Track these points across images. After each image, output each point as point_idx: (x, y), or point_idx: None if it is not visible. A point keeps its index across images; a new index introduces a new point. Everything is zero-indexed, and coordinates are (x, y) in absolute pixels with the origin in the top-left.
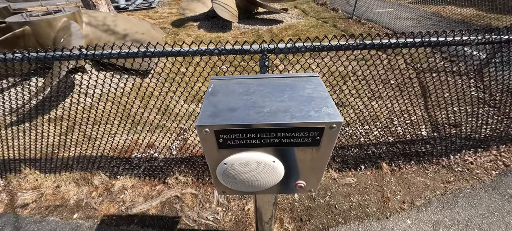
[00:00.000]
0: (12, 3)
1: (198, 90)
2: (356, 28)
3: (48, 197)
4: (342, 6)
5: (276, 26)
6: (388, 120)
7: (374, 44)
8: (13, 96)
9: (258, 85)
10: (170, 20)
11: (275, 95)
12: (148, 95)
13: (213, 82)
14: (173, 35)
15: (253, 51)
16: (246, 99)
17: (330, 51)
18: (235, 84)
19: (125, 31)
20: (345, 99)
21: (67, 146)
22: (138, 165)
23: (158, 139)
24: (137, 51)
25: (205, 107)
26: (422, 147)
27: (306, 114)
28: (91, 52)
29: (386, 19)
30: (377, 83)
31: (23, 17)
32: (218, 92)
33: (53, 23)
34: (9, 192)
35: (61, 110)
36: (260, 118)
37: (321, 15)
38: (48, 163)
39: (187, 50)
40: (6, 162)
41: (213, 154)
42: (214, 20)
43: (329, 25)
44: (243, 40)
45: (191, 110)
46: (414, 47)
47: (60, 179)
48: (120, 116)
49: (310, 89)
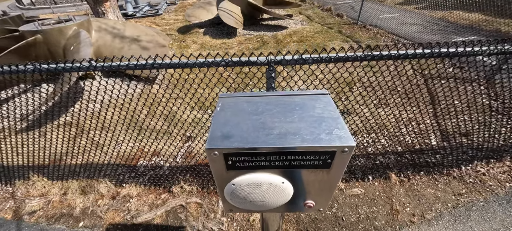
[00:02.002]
0: (25, 11)
1: (204, 97)
2: (361, 34)
3: (55, 204)
4: (347, 12)
5: (281, 32)
6: (395, 128)
7: (383, 56)
8: (24, 102)
9: (267, 104)
10: (176, 27)
11: (284, 115)
12: (155, 102)
13: (222, 100)
14: (179, 41)
15: (260, 62)
16: (255, 119)
17: (337, 62)
18: (243, 102)
19: (132, 37)
20: (351, 107)
21: (74, 153)
22: (144, 173)
23: (164, 147)
24: (145, 63)
25: (214, 127)
26: (431, 157)
27: (317, 137)
28: (100, 64)
29: (392, 25)
30: (384, 91)
31: (35, 25)
32: (227, 111)
33: (64, 31)
34: (17, 198)
35: (69, 117)
36: (269, 140)
37: (325, 21)
38: (55, 170)
39: (194, 62)
40: (15, 169)
41: (222, 175)
42: (219, 26)
43: (334, 31)
44: (248, 46)
45: (199, 117)
46: (424, 58)
47: (67, 186)
48: (128, 123)
49: (320, 108)
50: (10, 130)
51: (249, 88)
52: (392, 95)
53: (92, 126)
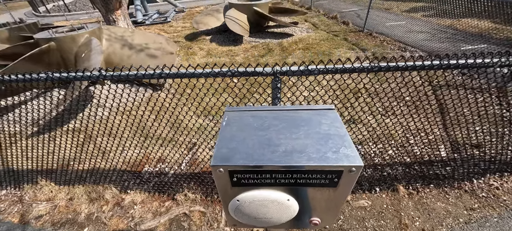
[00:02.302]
0: (41, 18)
1: (210, 105)
2: (367, 42)
3: (61, 209)
4: (352, 20)
5: (287, 40)
6: (403, 138)
7: (390, 67)
8: (35, 108)
9: (273, 119)
10: (184, 34)
11: (290, 132)
12: (161, 108)
13: (228, 115)
14: (186, 48)
15: (266, 73)
16: (261, 135)
17: (343, 73)
18: (249, 117)
19: (141, 46)
20: (356, 116)
21: (82, 159)
22: (149, 180)
23: (170, 153)
24: (153, 73)
25: (220, 143)
26: (441, 169)
27: (324, 156)
28: (109, 73)
29: (399, 33)
30: (391, 99)
31: (49, 33)
32: (232, 126)
33: (76, 39)
34: (25, 202)
35: (78, 123)
36: (275, 158)
37: (331, 28)
38: (63, 175)
39: (200, 72)
40: (24, 173)
41: (226, 191)
42: (226, 33)
43: (340, 38)
44: (253, 53)
45: (204, 124)
46: (432, 69)
47: (74, 191)
48: (135, 129)
49: (327, 125)
50: (21, 134)
51: (254, 98)
52: (399, 104)
53: (100, 131)
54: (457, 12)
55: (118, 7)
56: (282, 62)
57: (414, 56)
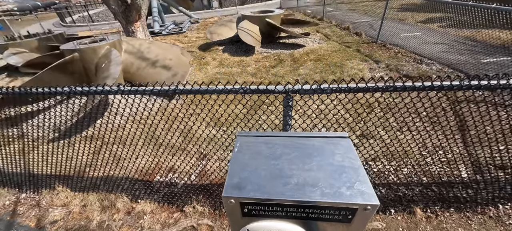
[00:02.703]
0: (67, 28)
1: (223, 115)
2: (381, 53)
3: (75, 215)
4: (365, 31)
5: (298, 51)
6: (420, 156)
7: (406, 87)
8: (57, 113)
9: (285, 146)
10: (198, 44)
11: (302, 162)
12: (172, 117)
13: (239, 140)
14: (199, 58)
15: (278, 91)
16: (273, 165)
17: (356, 93)
18: (261, 144)
19: (156, 57)
20: (370, 130)
21: (97, 166)
22: (159, 190)
23: (181, 164)
24: (168, 89)
25: (232, 172)
26: (463, 192)
27: (337, 192)
28: (128, 88)
29: (414, 44)
30: (405, 114)
31: (73, 44)
32: (244, 153)
33: (97, 50)
34: (42, 207)
35: (96, 130)
36: (287, 192)
37: (343, 39)
38: (78, 181)
39: (214, 89)
40: (43, 178)
41: (237, 220)
42: (238, 44)
43: (352, 49)
44: (265, 64)
45: (214, 134)
46: (451, 90)
47: (88, 198)
48: (150, 138)
49: (340, 155)
50: (43, 139)
51: (264, 111)
52: (414, 119)
53: (116, 139)
54: (477, 23)
55: (138, 19)
56: (293, 73)
57: (432, 76)
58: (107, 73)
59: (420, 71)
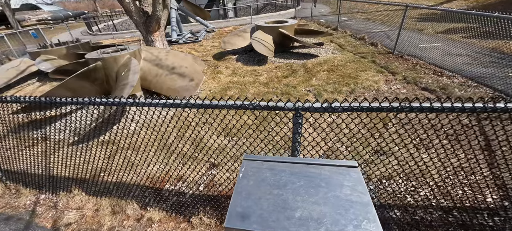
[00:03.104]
0: (92, 36)
1: (238, 127)
2: (398, 65)
3: (87, 219)
4: (382, 41)
5: (311, 61)
6: (440, 177)
7: (423, 108)
8: (78, 118)
9: (291, 174)
10: (212, 53)
11: (308, 193)
12: (185, 126)
13: (245, 165)
14: (213, 67)
15: (287, 108)
16: (277, 195)
17: (369, 112)
18: (266, 170)
19: (172, 65)
20: (385, 147)
21: (111, 170)
22: (168, 198)
23: (191, 175)
24: (180, 103)
25: (235, 200)
26: (488, 219)
27: (343, 230)
28: (142, 101)
29: (434, 55)
30: (426, 129)
31: (97, 54)
32: (249, 180)
33: (118, 59)
34: (59, 209)
35: (112, 135)
36: (290, 227)
37: (358, 50)
38: (93, 185)
39: (224, 104)
40: (61, 180)
41: None
42: (251, 53)
43: (368, 60)
44: (277, 74)
45: (225, 144)
46: (474, 112)
47: (100, 203)
48: (162, 146)
49: (348, 188)
50: (63, 142)
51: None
52: (436, 136)
53: (130, 145)
54: (504, 34)
55: (157, 29)
56: (305, 84)
57: (454, 90)
58: (126, 81)
59: (440, 84)
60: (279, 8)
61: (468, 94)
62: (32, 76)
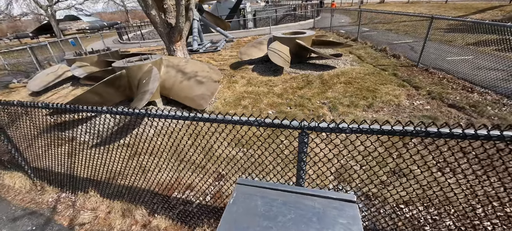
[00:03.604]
0: (122, 44)
1: (246, 138)
2: (421, 79)
3: (100, 220)
4: (405, 53)
5: (328, 72)
6: (467, 206)
7: (442, 134)
8: (102, 121)
9: (283, 204)
10: (230, 63)
11: (298, 229)
12: (195, 134)
13: (237, 190)
14: (229, 76)
15: (293, 127)
16: (266, 227)
17: (381, 135)
18: (258, 197)
19: (190, 74)
20: (405, 167)
21: (125, 174)
22: (175, 206)
23: (199, 183)
24: (188, 116)
25: (222, 229)
26: None
27: None
28: (154, 113)
29: (463, 69)
30: (453, 152)
31: (122, 62)
32: (239, 206)
33: (141, 68)
34: (76, 208)
35: (131, 139)
36: None
37: (379, 62)
38: (108, 187)
39: (229, 119)
40: (80, 180)
41: None
42: (268, 63)
43: (388, 73)
44: (292, 84)
45: (235, 155)
46: (503, 141)
47: (112, 205)
48: (173, 153)
49: (342, 227)
50: (86, 144)
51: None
52: (464, 158)
53: (144, 149)
54: None
55: (179, 40)
56: (320, 96)
57: (485, 108)
58: (146, 88)
59: (470, 101)
60: (298, 19)
61: (503, 113)
62: (67, 81)
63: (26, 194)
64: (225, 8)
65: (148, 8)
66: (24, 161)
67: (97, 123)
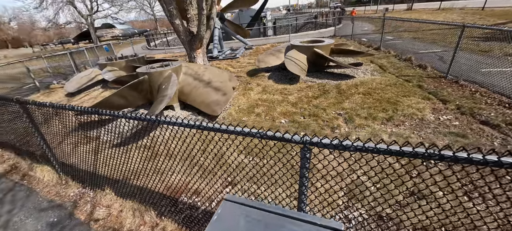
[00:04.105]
0: (149, 51)
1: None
2: (451, 91)
3: (112, 218)
4: (433, 63)
5: (346, 82)
6: None
7: (487, 161)
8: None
9: (264, 226)
10: (247, 70)
11: None
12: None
13: (223, 207)
14: (245, 83)
15: (294, 141)
16: None
17: (389, 155)
18: (241, 218)
19: (208, 79)
20: (424, 188)
21: (138, 175)
22: (181, 210)
23: (206, 187)
24: (193, 124)
25: None
26: None
27: None
28: (168, 120)
29: (501, 82)
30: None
31: (146, 68)
32: (223, 223)
33: (162, 74)
34: (93, 204)
35: (148, 141)
36: None
37: (402, 72)
38: (122, 186)
39: (232, 130)
40: (100, 178)
41: None
42: (284, 71)
43: (413, 84)
44: (307, 93)
45: (245, 163)
46: None
47: (125, 204)
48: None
49: None
50: (109, 143)
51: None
52: (495, 183)
53: (159, 151)
54: None
55: (199, 47)
56: (336, 106)
57: None
58: (165, 93)
59: (507, 119)
60: (319, 26)
61: None
62: (99, 83)
63: (53, 187)
64: (247, 16)
65: (173, 18)
66: (53, 156)
67: (119, 124)
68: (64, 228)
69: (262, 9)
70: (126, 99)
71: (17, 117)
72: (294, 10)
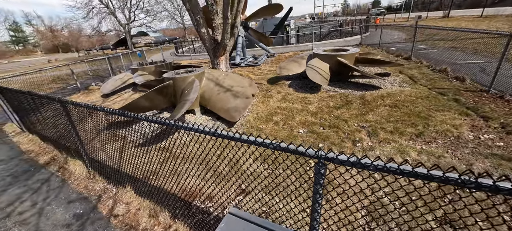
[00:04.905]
0: (177, 57)
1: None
2: (493, 107)
3: (130, 215)
4: (473, 75)
5: (371, 93)
6: None
7: (500, 189)
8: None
9: None
10: (268, 77)
11: None
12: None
13: (226, 221)
14: (265, 91)
15: (308, 155)
16: None
17: (411, 178)
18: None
19: (229, 86)
20: (458, 219)
21: (157, 175)
22: (194, 214)
23: (219, 193)
24: (208, 131)
25: None
26: None
27: None
28: (185, 126)
29: None
30: None
31: (171, 74)
32: None
33: (185, 79)
34: (115, 200)
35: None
36: None
37: (436, 84)
38: (141, 185)
39: (246, 139)
40: (123, 175)
41: None
42: (305, 80)
43: (448, 98)
44: (328, 104)
45: (260, 170)
46: None
47: (142, 203)
48: (201, 161)
49: None
50: (133, 142)
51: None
52: None
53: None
54: None
55: (223, 54)
56: (359, 118)
57: None
58: (187, 98)
59: None
60: (344, 35)
61: None
62: (130, 86)
63: (82, 180)
64: (271, 25)
65: (199, 26)
66: (84, 151)
67: (142, 126)
68: (87, 220)
69: (286, 17)
70: (152, 102)
71: (58, 114)
72: (319, 18)
